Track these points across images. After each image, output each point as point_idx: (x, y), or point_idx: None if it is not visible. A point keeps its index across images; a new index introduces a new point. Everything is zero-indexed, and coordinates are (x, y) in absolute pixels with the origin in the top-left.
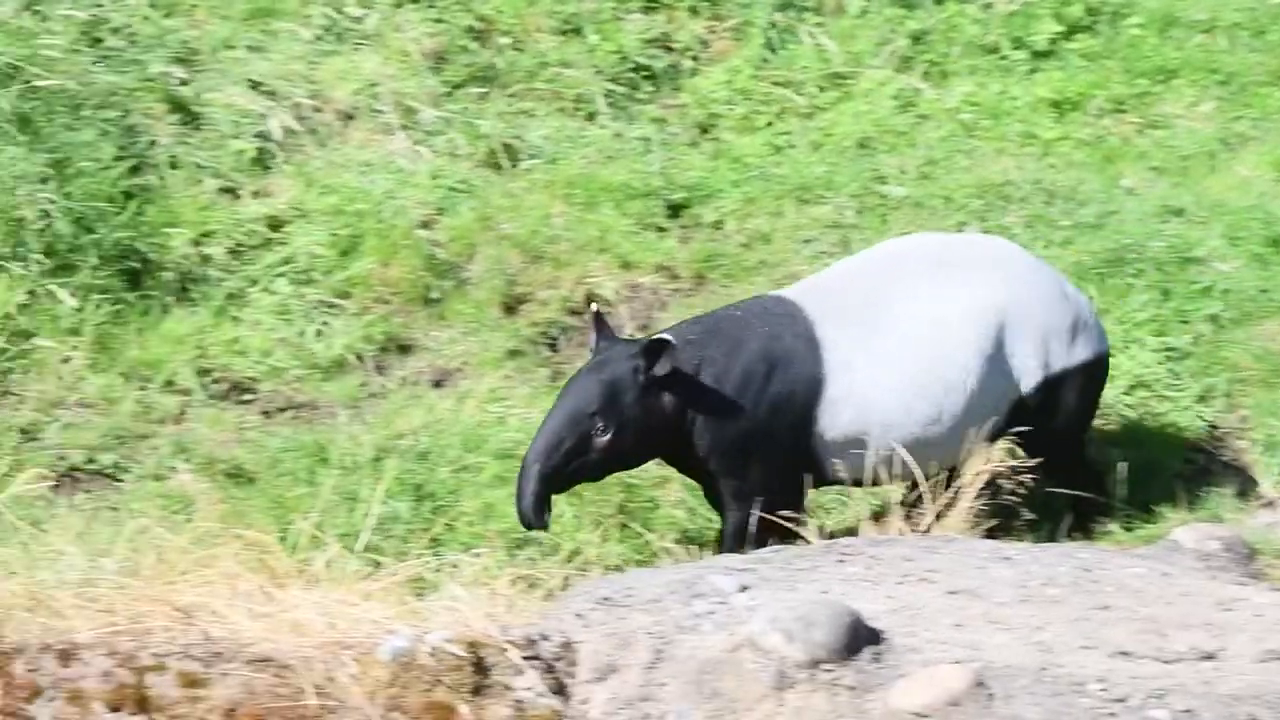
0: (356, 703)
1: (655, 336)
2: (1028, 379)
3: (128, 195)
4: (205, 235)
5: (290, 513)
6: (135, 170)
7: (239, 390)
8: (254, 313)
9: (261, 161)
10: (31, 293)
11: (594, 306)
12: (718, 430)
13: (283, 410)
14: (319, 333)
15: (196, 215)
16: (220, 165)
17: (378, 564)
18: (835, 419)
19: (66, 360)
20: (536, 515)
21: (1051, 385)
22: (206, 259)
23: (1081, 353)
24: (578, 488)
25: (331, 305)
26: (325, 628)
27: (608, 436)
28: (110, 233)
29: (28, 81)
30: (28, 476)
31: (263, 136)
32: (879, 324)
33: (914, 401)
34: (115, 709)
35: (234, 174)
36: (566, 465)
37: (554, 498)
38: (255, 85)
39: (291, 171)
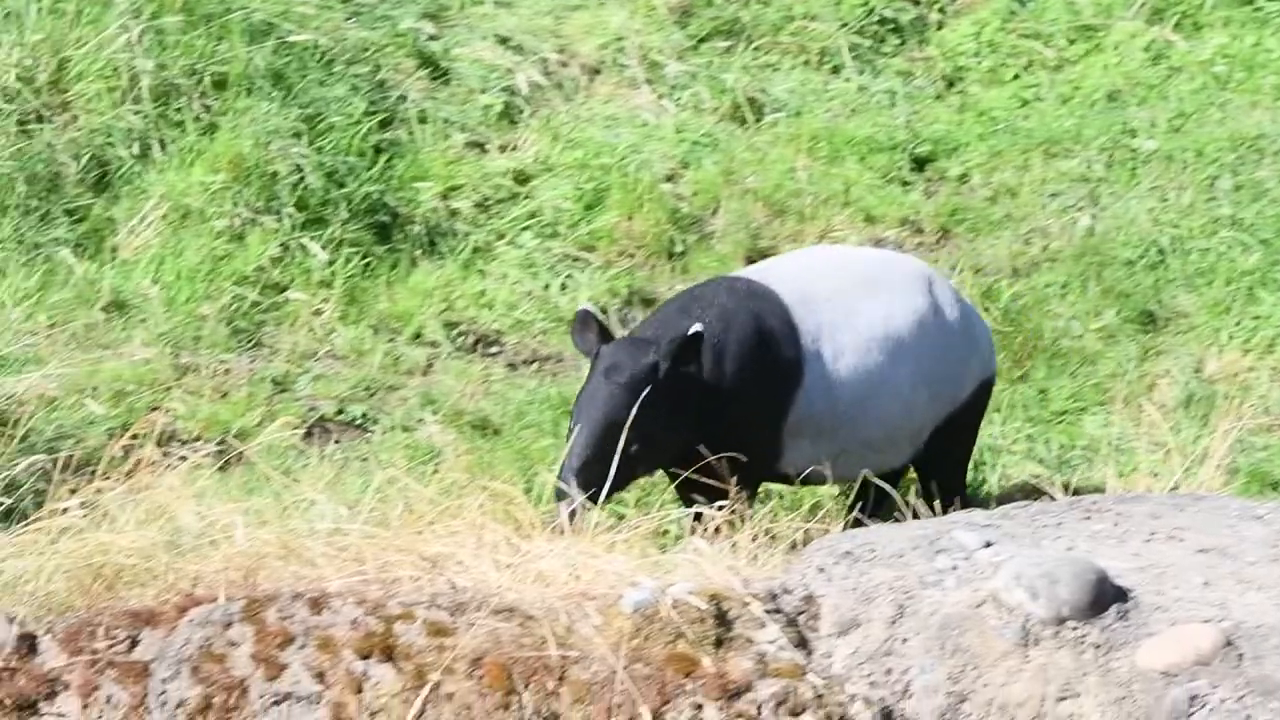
0: (599, 654)
1: (692, 331)
2: (952, 395)
3: (377, 150)
4: (453, 189)
5: (535, 464)
6: (385, 125)
7: (485, 343)
8: (500, 266)
9: (508, 116)
10: (284, 246)
11: (583, 305)
12: (722, 409)
13: (528, 363)
14: (564, 286)
15: (444, 170)
16: (468, 120)
17: (621, 516)
18: (809, 407)
19: (318, 313)
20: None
21: (964, 406)
22: (454, 213)
23: (985, 372)
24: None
25: (576, 258)
26: (569, 579)
27: (638, 445)
28: (360, 187)
29: (281, 38)
30: (278, 426)
31: (510, 91)
32: (843, 320)
33: (869, 402)
34: (364, 656)
35: (481, 128)
36: (604, 475)
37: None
38: (503, 40)
39: (538, 126)
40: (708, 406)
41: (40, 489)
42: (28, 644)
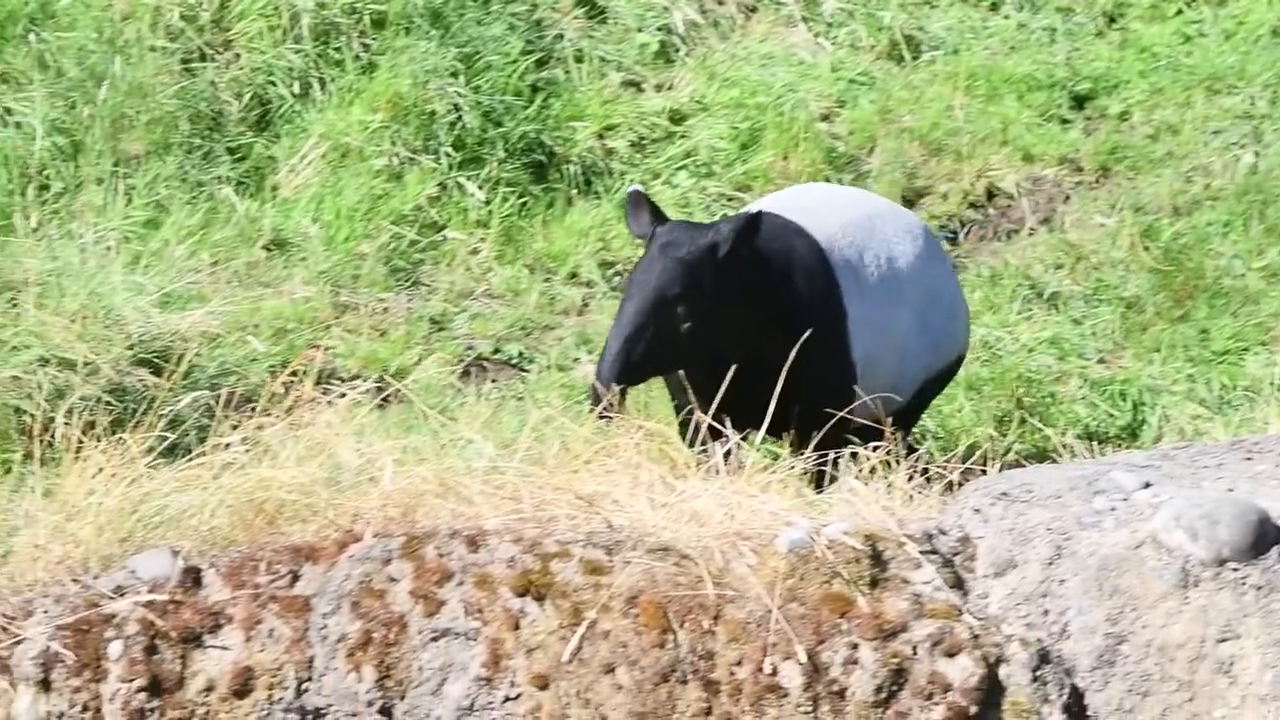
0: (754, 593)
1: (753, 212)
2: (932, 361)
3: (534, 89)
4: (608, 129)
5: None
6: (541, 64)
7: None
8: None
9: (664, 55)
10: (442, 185)
11: (633, 185)
12: (795, 334)
13: None
14: None
15: (600, 109)
16: (624, 59)
17: (776, 456)
18: (859, 340)
19: (474, 252)
20: (604, 405)
21: (938, 375)
22: (610, 152)
23: (962, 347)
24: None
25: (731, 198)
26: (724, 518)
27: (690, 323)
28: (517, 126)
29: None
30: (435, 364)
31: (666, 29)
32: (862, 259)
33: (879, 350)
34: (521, 594)
35: (637, 67)
36: (649, 355)
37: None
38: None
39: (694, 65)
40: (765, 316)
41: (203, 425)
42: (192, 577)
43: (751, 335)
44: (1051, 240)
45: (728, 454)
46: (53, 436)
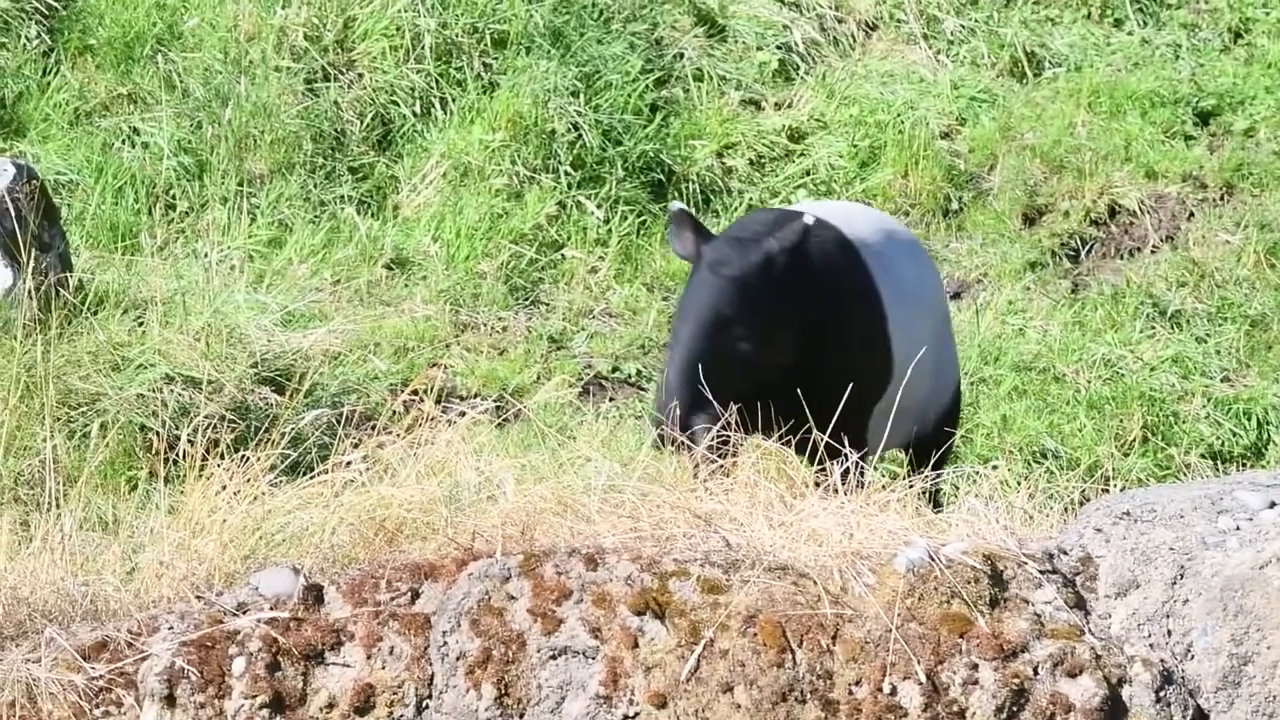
0: (873, 612)
1: (806, 223)
2: (948, 382)
3: (653, 108)
4: (728, 147)
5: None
6: (661, 83)
7: None
8: None
9: (784, 73)
10: (561, 204)
11: (675, 205)
12: (843, 341)
13: None
14: None
15: (719, 127)
16: (744, 77)
17: (894, 475)
18: (900, 346)
19: (593, 270)
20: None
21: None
22: (729, 171)
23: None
24: None
25: None
26: (842, 538)
27: (747, 344)
28: (636, 145)
29: None
30: (555, 383)
31: (786, 48)
32: (887, 269)
33: (917, 356)
34: (639, 612)
35: (757, 85)
36: (710, 379)
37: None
38: None
39: (813, 83)
40: (810, 330)
41: (325, 442)
42: (314, 595)
43: (808, 349)
44: (1175, 258)
45: (845, 473)
46: (177, 454)
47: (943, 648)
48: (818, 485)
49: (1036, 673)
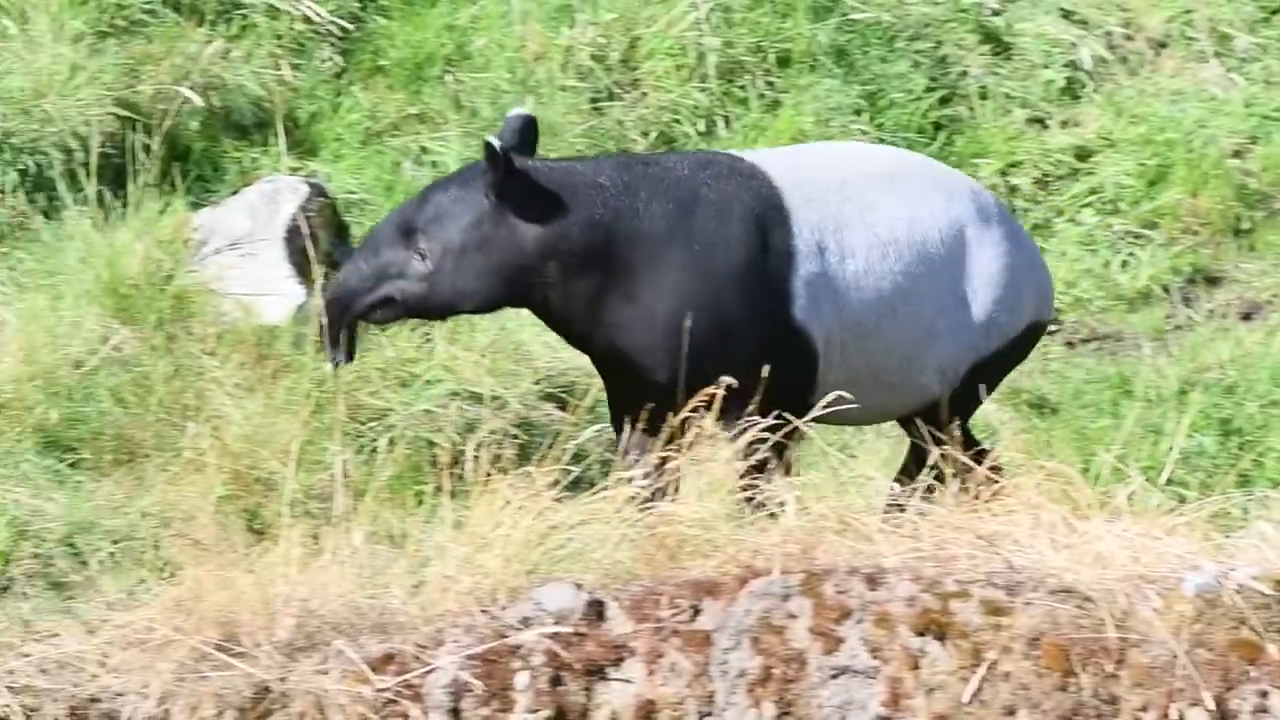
0: (1159, 637)
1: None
2: (993, 329)
3: (937, 126)
4: (1012, 165)
5: (1093, 444)
6: (945, 101)
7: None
8: (1059, 244)
9: (1071, 91)
10: None
11: (489, 138)
12: (651, 313)
13: (1086, 341)
14: (1124, 264)
15: (1004, 145)
16: (1029, 95)
17: (1182, 498)
18: (815, 307)
19: None
20: (331, 346)
21: (1009, 344)
22: (1013, 189)
23: (1038, 314)
24: None
25: (1138, 236)
26: (1128, 561)
27: (429, 263)
28: None
29: (845, 14)
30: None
31: (1073, 66)
32: (855, 216)
33: (882, 320)
34: (920, 633)
35: (1043, 104)
36: (374, 290)
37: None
38: (1067, 14)
39: (1101, 101)
40: (631, 304)
41: (606, 459)
42: (595, 610)
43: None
44: None
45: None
46: (462, 469)
47: (1231, 674)
48: (1102, 507)
49: None
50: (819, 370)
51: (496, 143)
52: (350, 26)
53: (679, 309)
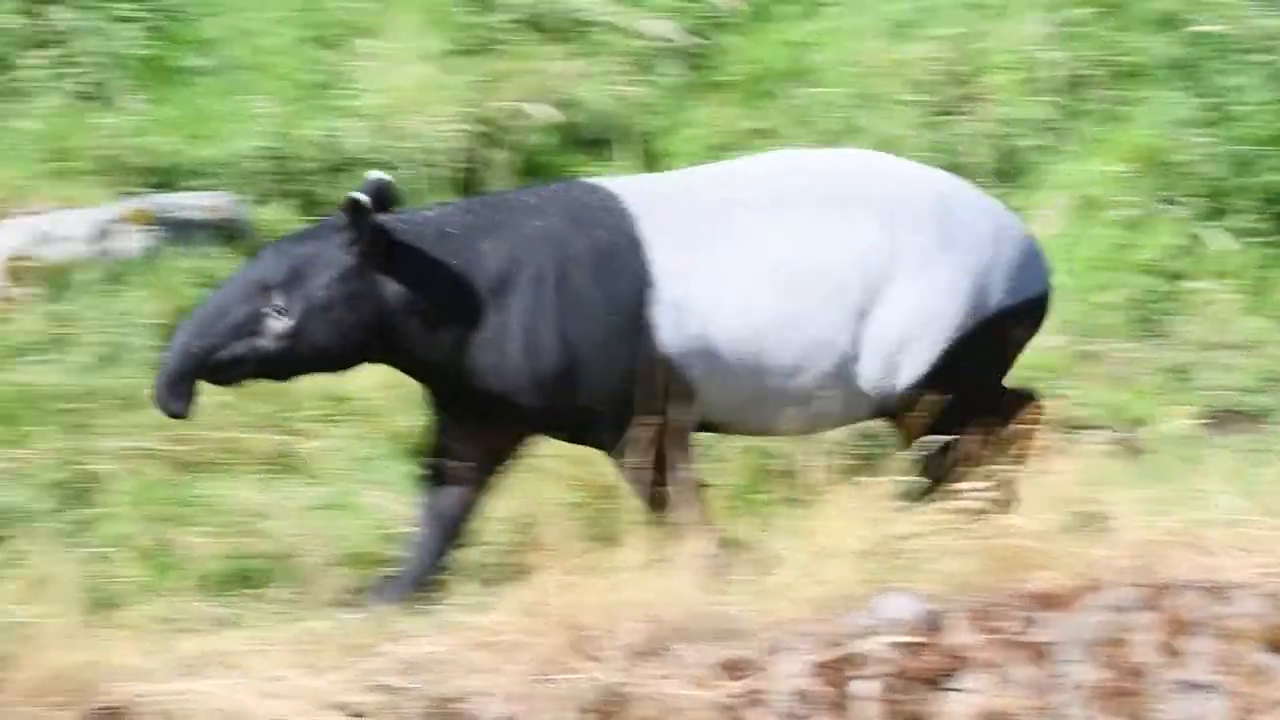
0: None
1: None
2: (951, 327)
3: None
4: None
5: None
6: None
7: None
8: None
9: None
10: (1187, 235)
11: (350, 194)
12: (509, 355)
13: None
14: None
15: None
16: None
17: None
18: (679, 331)
19: (1212, 302)
20: (171, 395)
21: (984, 326)
22: None
23: (1025, 290)
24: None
25: None
26: None
27: (287, 323)
28: (1264, 176)
29: (1185, 27)
30: (1176, 415)
31: None
32: (730, 241)
33: (768, 342)
34: (1268, 649)
35: None
36: (226, 346)
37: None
38: None
39: None
40: (489, 346)
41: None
42: (935, 620)
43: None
44: None
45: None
46: (802, 478)
47: None
48: None
49: None
50: (698, 393)
51: (363, 198)
52: (703, 40)
53: (533, 348)
